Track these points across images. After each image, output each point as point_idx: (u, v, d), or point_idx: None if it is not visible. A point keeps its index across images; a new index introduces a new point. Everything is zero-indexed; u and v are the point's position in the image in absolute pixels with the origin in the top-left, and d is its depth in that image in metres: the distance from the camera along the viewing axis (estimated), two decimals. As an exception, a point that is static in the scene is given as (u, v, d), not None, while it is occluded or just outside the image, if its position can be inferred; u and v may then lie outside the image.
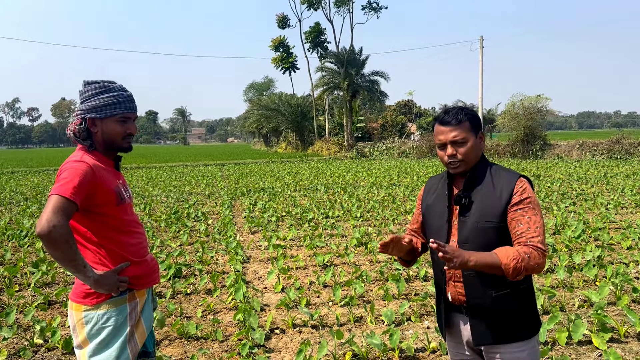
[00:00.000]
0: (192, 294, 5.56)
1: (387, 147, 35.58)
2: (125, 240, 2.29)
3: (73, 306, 2.26)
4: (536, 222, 2.02)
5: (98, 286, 2.14)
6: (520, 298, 2.11)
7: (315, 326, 4.57)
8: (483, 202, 2.09)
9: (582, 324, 3.98)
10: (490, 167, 2.17)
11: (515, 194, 2.05)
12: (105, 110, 2.25)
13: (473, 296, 2.12)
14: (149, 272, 2.38)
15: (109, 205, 2.23)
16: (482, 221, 2.07)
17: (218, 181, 19.25)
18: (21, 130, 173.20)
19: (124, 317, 2.26)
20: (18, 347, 4.22)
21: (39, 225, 1.98)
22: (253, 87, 76.85)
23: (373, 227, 8.89)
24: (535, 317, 2.17)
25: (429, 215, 2.29)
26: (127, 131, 2.32)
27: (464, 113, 2.14)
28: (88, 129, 2.27)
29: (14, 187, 18.66)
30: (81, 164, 2.17)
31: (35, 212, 11.64)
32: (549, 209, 10.28)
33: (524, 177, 2.13)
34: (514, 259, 1.94)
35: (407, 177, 18.52)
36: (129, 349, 2.26)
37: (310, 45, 46.42)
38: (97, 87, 2.27)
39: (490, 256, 1.96)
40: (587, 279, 5.68)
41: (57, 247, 2.00)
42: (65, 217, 2.03)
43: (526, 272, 1.97)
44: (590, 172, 18.44)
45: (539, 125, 29.52)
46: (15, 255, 7.47)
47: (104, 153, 2.33)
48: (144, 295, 2.38)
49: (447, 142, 2.13)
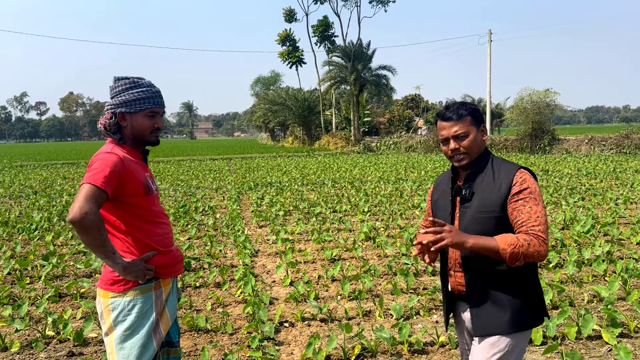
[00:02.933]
0: (202, 287, 5.59)
1: (394, 142, 35.51)
2: (152, 230, 2.37)
3: (101, 293, 2.34)
4: (537, 212, 2.04)
5: (126, 273, 2.21)
6: (520, 289, 2.13)
7: (324, 320, 4.59)
8: (483, 192, 2.14)
9: (591, 319, 3.97)
10: (493, 159, 2.22)
11: (514, 185, 2.09)
12: (135, 105, 2.32)
13: (472, 285, 2.17)
14: (174, 261, 2.45)
15: (137, 195, 2.31)
16: (481, 210, 2.12)
17: (225, 175, 19.29)
18: (29, 124, 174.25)
19: (149, 304, 2.32)
20: (30, 339, 4.26)
21: (72, 212, 2.05)
22: (260, 82, 76.85)
23: (381, 222, 8.89)
24: (536, 311, 2.17)
25: (435, 210, 2.36)
26: (155, 125, 2.40)
27: (464, 108, 2.20)
28: (118, 123, 2.34)
29: (23, 180, 18.79)
30: (112, 155, 2.24)
31: (44, 206, 11.73)
32: (558, 204, 10.24)
33: (525, 169, 2.16)
34: (512, 244, 1.97)
35: (414, 171, 18.48)
36: (154, 337, 2.32)
37: (318, 39, 46.35)
38: (127, 82, 2.34)
39: (489, 240, 2.01)
40: (597, 274, 5.66)
41: (89, 233, 2.08)
42: (96, 204, 2.11)
43: (525, 259, 1.99)
44: (599, 167, 18.33)
45: (547, 119, 29.33)
46: (26, 248, 7.54)
47: (133, 146, 2.40)
48: (169, 284, 2.44)
49: (449, 137, 2.20)
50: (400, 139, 36.03)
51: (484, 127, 2.25)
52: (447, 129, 2.20)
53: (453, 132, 2.18)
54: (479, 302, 2.16)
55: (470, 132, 2.18)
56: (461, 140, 2.18)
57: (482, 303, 2.15)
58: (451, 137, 2.19)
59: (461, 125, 2.17)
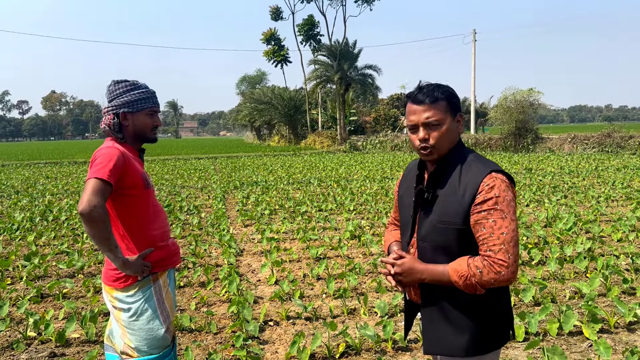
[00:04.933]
0: (186, 287, 5.56)
1: (380, 141, 35.61)
2: (150, 225, 2.50)
3: (106, 288, 2.51)
4: (501, 228, 1.72)
5: (125, 268, 2.35)
6: (480, 309, 1.86)
7: (309, 318, 4.59)
8: (445, 199, 1.85)
9: (572, 315, 4.02)
10: (465, 157, 1.89)
11: (479, 193, 1.76)
12: (137, 104, 2.47)
13: (427, 300, 1.94)
14: (170, 254, 2.59)
15: (137, 187, 2.44)
16: (442, 220, 1.84)
17: (211, 174, 19.20)
18: (11, 123, 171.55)
19: (150, 295, 2.47)
20: (11, 340, 4.20)
21: (81, 205, 2.17)
22: (245, 80, 76.43)
23: (366, 220, 8.92)
24: (494, 333, 1.91)
25: (401, 206, 2.11)
26: (154, 123, 2.56)
27: (440, 91, 1.86)
28: (120, 123, 2.48)
29: (5, 180, 18.52)
30: (113, 149, 2.37)
31: (27, 205, 11.57)
32: (541, 201, 10.35)
33: (499, 172, 1.81)
34: (462, 276, 1.75)
35: (399, 170, 18.56)
36: (162, 319, 2.49)
37: (304, 38, 46.29)
38: (127, 84, 2.49)
39: (441, 273, 1.80)
40: (578, 270, 5.73)
41: (95, 225, 2.20)
42: (103, 198, 2.23)
43: (486, 287, 1.75)
44: (581, 166, 18.57)
45: (530, 118, 29.64)
46: (7, 248, 7.43)
47: (132, 144, 2.54)
48: (165, 273, 2.58)
49: (419, 124, 1.86)
50: (386, 138, 36.13)
51: (461, 116, 1.92)
52: (418, 114, 1.85)
53: (424, 118, 1.84)
54: (433, 318, 1.92)
55: (445, 120, 1.84)
56: (432, 130, 1.84)
57: (436, 320, 1.91)
58: (421, 124, 1.85)
59: (435, 111, 1.83)
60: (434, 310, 1.92)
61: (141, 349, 2.47)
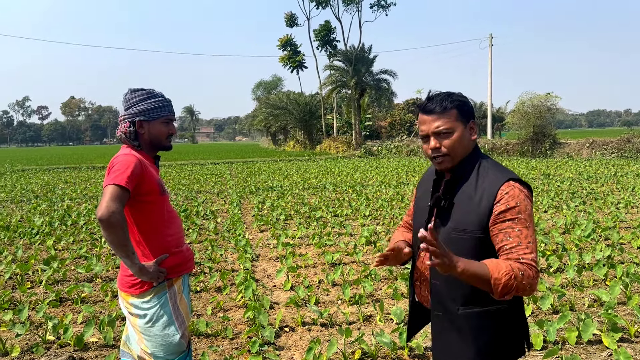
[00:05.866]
0: (202, 292, 5.59)
1: (396, 146, 35.51)
2: (165, 231, 2.53)
3: (122, 294, 2.55)
4: (528, 237, 1.72)
5: (141, 273, 2.38)
6: (493, 320, 1.81)
7: (324, 324, 4.59)
8: (462, 207, 1.83)
9: (592, 324, 3.97)
10: (480, 164, 1.88)
11: (498, 202, 1.75)
12: (153, 113, 2.51)
13: (437, 308, 1.90)
14: (184, 260, 2.62)
15: (153, 193, 2.48)
16: (458, 229, 1.82)
17: (227, 179, 19.31)
18: (31, 129, 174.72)
19: (165, 301, 2.50)
20: (31, 344, 4.27)
21: (99, 211, 2.21)
22: (261, 86, 76.93)
23: (382, 226, 8.89)
24: (507, 346, 1.85)
25: (416, 210, 2.10)
26: (169, 131, 2.60)
27: (450, 100, 1.86)
28: (136, 131, 2.52)
29: (25, 185, 18.82)
30: (131, 156, 2.42)
31: (46, 210, 11.75)
32: (559, 208, 10.23)
33: (516, 180, 1.80)
34: (507, 273, 1.64)
35: (415, 175, 18.48)
36: (178, 325, 2.51)
37: (320, 44, 46.46)
38: (143, 93, 2.53)
39: (480, 266, 1.66)
40: (597, 278, 5.65)
41: (114, 231, 2.23)
42: (121, 204, 2.27)
43: (516, 292, 1.68)
44: (600, 171, 18.31)
45: (548, 123, 29.31)
46: (27, 252, 7.55)
47: (147, 152, 2.59)
48: (180, 279, 2.61)
49: (429, 133, 1.87)
50: (401, 142, 36.03)
51: (474, 123, 1.92)
52: (428, 123, 1.86)
53: (434, 127, 1.85)
54: (442, 325, 1.88)
55: (455, 128, 1.84)
56: (443, 138, 1.85)
57: (445, 328, 1.87)
58: (432, 133, 1.86)
59: (445, 120, 1.84)
60: (444, 319, 1.88)
61: (158, 355, 2.50)
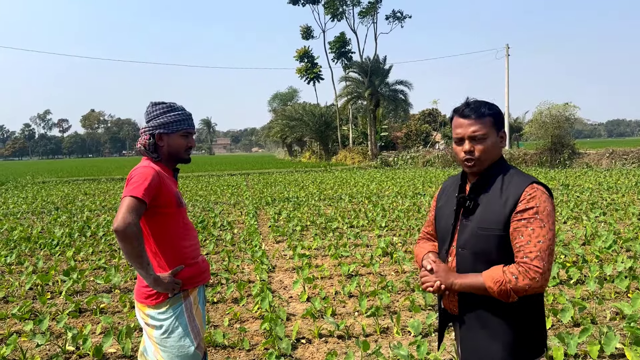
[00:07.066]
0: (219, 303, 5.61)
1: (412, 156, 35.39)
2: (181, 243, 2.55)
3: (138, 305, 2.57)
4: (539, 236, 1.80)
5: (156, 285, 2.39)
6: (516, 319, 1.91)
7: (341, 336, 4.56)
8: (487, 207, 1.94)
9: (614, 337, 3.90)
10: (507, 170, 2.00)
11: (521, 201, 1.85)
12: (172, 126, 2.55)
13: (464, 308, 2.00)
14: (200, 272, 2.63)
15: (170, 206, 2.50)
16: (482, 227, 1.92)
17: (243, 190, 19.40)
18: (52, 141, 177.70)
19: (181, 312, 2.51)
20: (51, 354, 4.32)
21: (116, 222, 2.25)
22: (277, 97, 77.31)
23: (398, 237, 8.85)
24: (530, 345, 1.94)
25: (439, 218, 2.19)
26: (188, 145, 2.63)
27: (487, 107, 1.98)
28: (156, 143, 2.56)
29: (45, 196, 19.11)
30: (149, 169, 2.45)
31: (66, 221, 11.91)
32: (579, 218, 10.09)
33: (539, 184, 1.91)
34: (497, 282, 1.80)
35: (432, 186, 18.38)
36: (193, 336, 2.52)
37: (335, 55, 46.72)
38: (164, 107, 2.57)
39: (474, 278, 1.87)
40: (619, 290, 5.55)
41: (129, 242, 2.26)
42: (137, 216, 2.30)
43: (520, 294, 1.80)
44: (620, 182, 18.03)
45: (567, 133, 29.04)
46: (47, 263, 7.65)
47: (166, 164, 2.62)
48: (196, 290, 2.62)
49: (465, 137, 1.97)
50: (417, 153, 35.91)
51: (504, 133, 2.04)
52: (464, 127, 1.96)
53: (470, 131, 1.95)
54: (470, 327, 1.97)
55: (489, 135, 1.95)
56: (477, 143, 1.95)
57: (473, 329, 1.96)
58: (467, 137, 1.96)
59: (481, 125, 1.94)
60: (472, 319, 1.97)
61: None
